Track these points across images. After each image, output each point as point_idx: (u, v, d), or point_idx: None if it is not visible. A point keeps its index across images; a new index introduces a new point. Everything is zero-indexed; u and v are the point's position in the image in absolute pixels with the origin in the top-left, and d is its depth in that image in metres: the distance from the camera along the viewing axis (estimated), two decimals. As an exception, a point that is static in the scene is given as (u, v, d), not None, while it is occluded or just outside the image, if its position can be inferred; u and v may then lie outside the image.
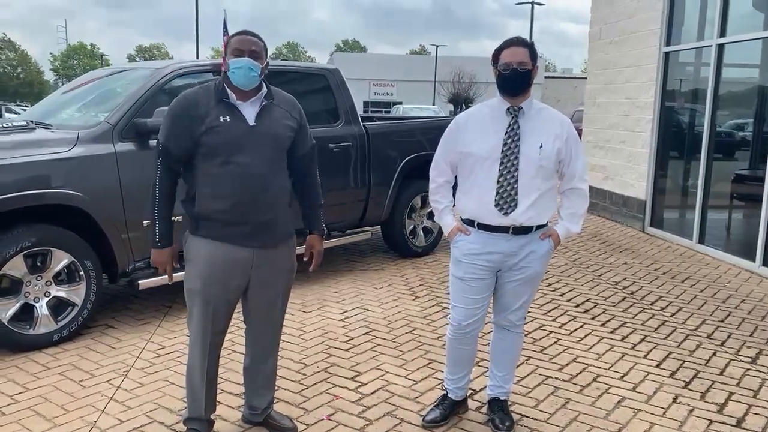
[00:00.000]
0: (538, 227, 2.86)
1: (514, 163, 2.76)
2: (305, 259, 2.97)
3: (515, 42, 2.79)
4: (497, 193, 2.77)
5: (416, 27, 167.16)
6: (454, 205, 3.03)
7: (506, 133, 2.78)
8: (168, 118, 2.61)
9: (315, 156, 2.92)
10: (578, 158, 2.88)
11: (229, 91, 2.59)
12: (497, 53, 2.80)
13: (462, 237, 2.91)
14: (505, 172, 2.77)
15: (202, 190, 2.60)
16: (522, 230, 2.82)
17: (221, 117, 2.55)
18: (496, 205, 2.78)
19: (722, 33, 6.63)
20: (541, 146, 2.77)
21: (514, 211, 2.77)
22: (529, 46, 2.79)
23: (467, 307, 2.93)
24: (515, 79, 2.75)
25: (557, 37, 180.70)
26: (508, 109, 2.81)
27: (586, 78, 9.76)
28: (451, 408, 3.13)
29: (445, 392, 3.17)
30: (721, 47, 6.66)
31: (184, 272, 2.73)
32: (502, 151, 2.77)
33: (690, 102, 7.44)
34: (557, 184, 2.92)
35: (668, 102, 7.69)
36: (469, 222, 2.90)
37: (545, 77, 51.84)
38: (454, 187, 3.03)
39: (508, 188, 2.77)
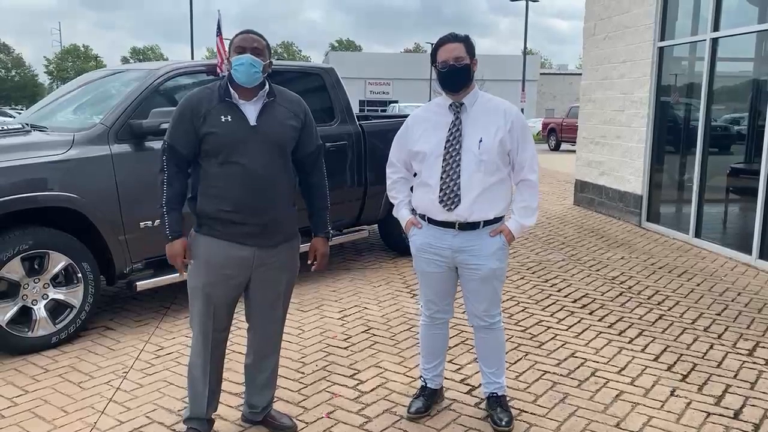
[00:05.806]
0: (487, 223, 2.87)
1: (456, 158, 2.80)
2: (309, 261, 2.96)
3: (449, 39, 2.84)
4: (441, 189, 2.82)
5: (407, 26, 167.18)
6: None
7: (449, 129, 2.84)
8: (174, 117, 2.65)
9: (321, 156, 2.92)
10: (526, 148, 2.87)
11: (232, 91, 2.62)
12: (434, 53, 2.86)
13: (415, 231, 2.98)
14: (447, 168, 2.81)
15: (204, 189, 2.63)
16: (468, 226, 2.85)
17: (222, 117, 2.58)
18: (440, 201, 2.83)
19: (716, 27, 6.65)
20: (481, 140, 2.79)
21: (457, 207, 2.81)
22: (464, 41, 2.83)
23: (428, 299, 3.06)
24: (453, 74, 2.80)
25: (547, 33, 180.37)
26: (450, 105, 2.87)
27: (581, 74, 9.77)
28: (432, 397, 3.19)
29: (424, 383, 3.21)
30: (715, 41, 6.67)
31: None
32: (445, 147, 2.82)
33: (685, 96, 7.46)
34: (510, 177, 2.92)
35: (663, 97, 7.71)
36: (422, 217, 2.96)
37: (540, 74, 51.84)
38: None
39: (451, 184, 2.81)
